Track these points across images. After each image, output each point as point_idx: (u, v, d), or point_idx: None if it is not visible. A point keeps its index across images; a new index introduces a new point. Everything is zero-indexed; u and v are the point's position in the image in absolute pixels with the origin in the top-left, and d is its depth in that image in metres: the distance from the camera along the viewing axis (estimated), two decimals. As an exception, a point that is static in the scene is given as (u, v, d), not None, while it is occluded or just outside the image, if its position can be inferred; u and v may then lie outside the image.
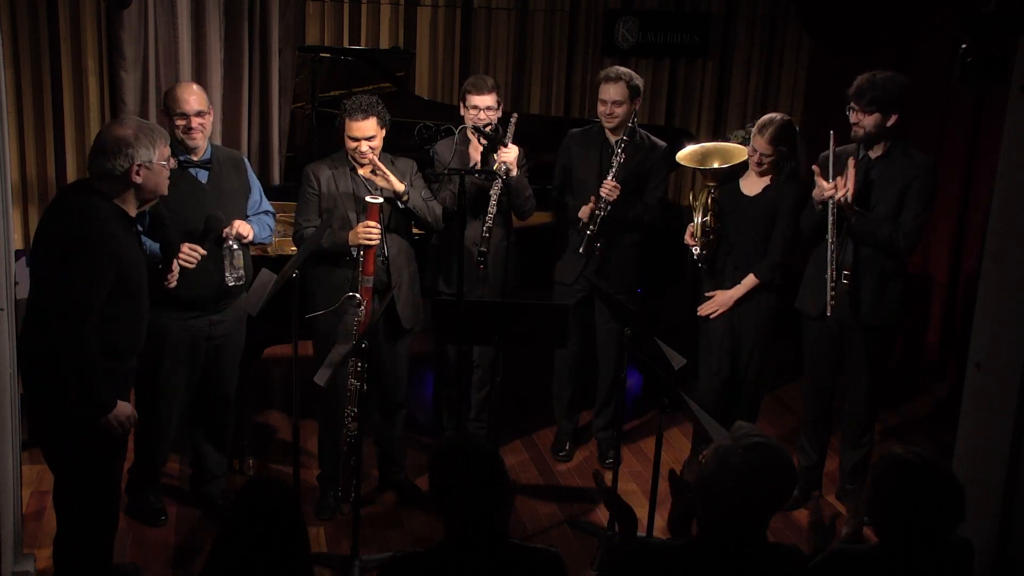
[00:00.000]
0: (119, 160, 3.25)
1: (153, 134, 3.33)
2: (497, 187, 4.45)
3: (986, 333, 3.23)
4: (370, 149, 4.09)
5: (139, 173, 3.29)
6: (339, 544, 4.15)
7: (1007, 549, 3.17)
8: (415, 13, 6.43)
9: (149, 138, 3.30)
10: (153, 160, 3.31)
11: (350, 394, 4.15)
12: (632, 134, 4.61)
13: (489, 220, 4.44)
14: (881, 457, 2.55)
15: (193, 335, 4.02)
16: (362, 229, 4.04)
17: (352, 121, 4.07)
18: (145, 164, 3.29)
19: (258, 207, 4.22)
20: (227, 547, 2.38)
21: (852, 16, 6.28)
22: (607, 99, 4.54)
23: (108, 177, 3.28)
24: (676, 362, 3.82)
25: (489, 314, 4.14)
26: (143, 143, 3.28)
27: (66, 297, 3.20)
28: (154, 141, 3.31)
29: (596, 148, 4.66)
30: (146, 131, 3.32)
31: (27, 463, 4.34)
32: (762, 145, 4.32)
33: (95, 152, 3.30)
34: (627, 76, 4.55)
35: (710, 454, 2.37)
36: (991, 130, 5.12)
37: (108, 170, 3.26)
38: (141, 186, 3.31)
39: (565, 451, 5.00)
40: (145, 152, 3.28)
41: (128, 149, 3.25)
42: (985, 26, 3.17)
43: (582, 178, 4.69)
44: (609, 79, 4.55)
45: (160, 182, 3.38)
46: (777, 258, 4.43)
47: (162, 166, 3.36)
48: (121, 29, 5.77)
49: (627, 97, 4.53)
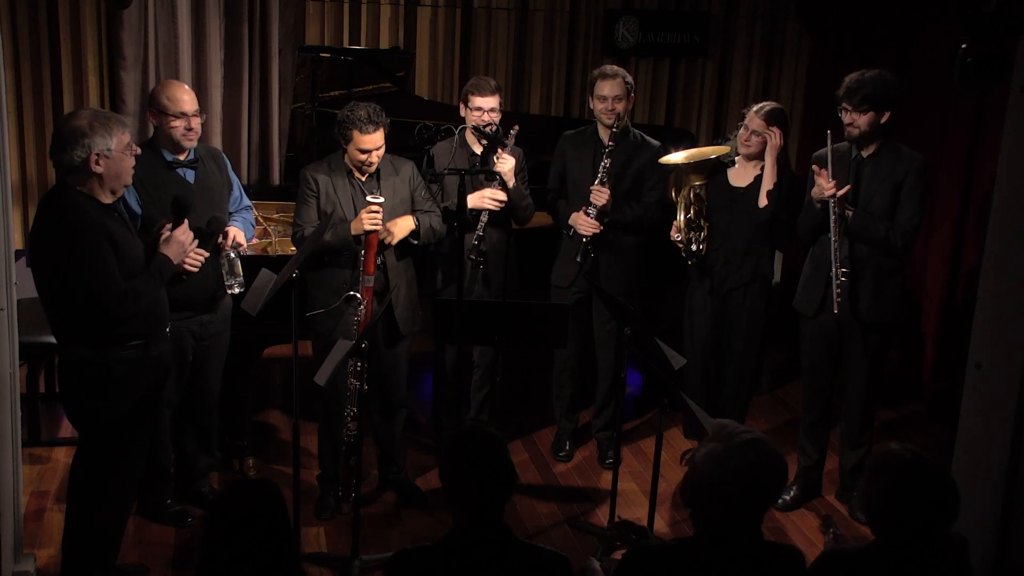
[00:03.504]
0: (76, 151, 3.25)
1: (109, 122, 3.32)
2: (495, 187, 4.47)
3: (986, 333, 3.23)
4: (376, 158, 4.10)
5: (98, 163, 3.29)
6: (339, 544, 4.15)
7: (1007, 549, 3.17)
8: (415, 13, 6.43)
9: (105, 126, 3.29)
10: (112, 148, 3.30)
11: (350, 394, 4.15)
12: (625, 134, 4.63)
13: (483, 223, 4.46)
14: (875, 455, 2.56)
15: (184, 334, 4.01)
16: (366, 215, 4.04)
17: (364, 135, 4.04)
18: (103, 153, 3.28)
19: (239, 203, 4.22)
20: (214, 550, 2.37)
21: (852, 16, 6.28)
22: (608, 95, 4.54)
23: (70, 168, 3.29)
24: (676, 362, 3.82)
25: (489, 314, 4.14)
26: (99, 132, 3.27)
27: (87, 282, 3.26)
28: (110, 129, 3.30)
29: (590, 149, 4.67)
30: (101, 119, 3.31)
31: (27, 463, 4.35)
32: (757, 123, 4.38)
33: (54, 145, 3.31)
34: (623, 73, 4.59)
35: (702, 455, 2.37)
36: (991, 130, 5.12)
37: (68, 162, 3.28)
38: (102, 175, 3.31)
39: (565, 451, 5.00)
40: (101, 141, 3.28)
41: (84, 139, 3.25)
42: (985, 26, 3.17)
43: (577, 179, 4.69)
44: (607, 76, 4.56)
45: (122, 170, 3.37)
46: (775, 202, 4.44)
47: (122, 154, 3.34)
48: (121, 29, 5.77)
49: (625, 93, 4.55)
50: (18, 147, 5.88)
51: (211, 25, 5.91)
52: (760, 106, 4.44)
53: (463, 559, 2.45)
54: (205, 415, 4.28)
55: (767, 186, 4.35)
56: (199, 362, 4.14)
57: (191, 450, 4.32)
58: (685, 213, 4.47)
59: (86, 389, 3.43)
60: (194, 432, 4.30)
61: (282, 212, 5.27)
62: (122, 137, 3.34)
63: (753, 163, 4.48)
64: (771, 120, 4.38)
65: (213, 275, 3.96)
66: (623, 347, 4.02)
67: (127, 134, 3.37)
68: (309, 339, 4.31)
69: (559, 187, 4.78)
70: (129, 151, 3.37)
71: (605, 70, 4.61)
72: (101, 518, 3.56)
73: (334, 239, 4.10)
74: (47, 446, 4.74)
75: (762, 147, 4.41)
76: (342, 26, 6.32)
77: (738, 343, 4.59)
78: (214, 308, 4.09)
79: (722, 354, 4.65)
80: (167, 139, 3.93)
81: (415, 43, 6.45)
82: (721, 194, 4.50)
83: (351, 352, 3.68)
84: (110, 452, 3.52)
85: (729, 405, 4.69)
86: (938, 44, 5.40)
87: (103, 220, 3.33)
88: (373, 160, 4.10)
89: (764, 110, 4.40)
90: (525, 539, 2.61)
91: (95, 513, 3.54)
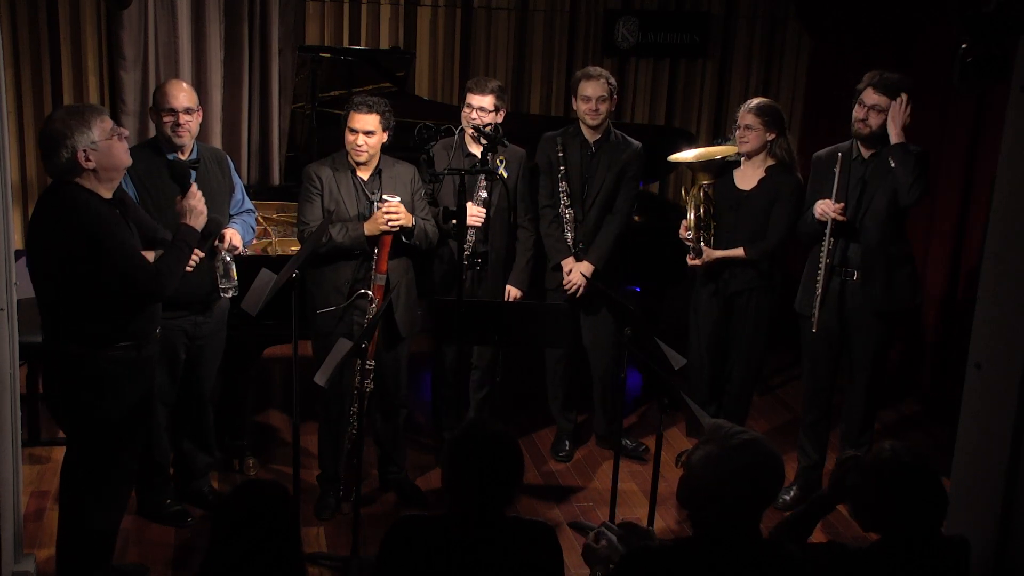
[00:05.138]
0: (63, 152, 3.24)
1: (83, 115, 3.28)
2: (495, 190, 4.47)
3: (986, 333, 3.22)
4: (366, 144, 4.10)
5: (88, 158, 3.27)
6: (339, 544, 4.15)
7: (1007, 549, 3.17)
8: (415, 13, 6.43)
9: (81, 121, 3.26)
10: (96, 140, 3.27)
11: (356, 393, 4.14)
12: (607, 136, 4.66)
13: (470, 241, 4.48)
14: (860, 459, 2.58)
15: (176, 333, 4.01)
16: (382, 216, 4.05)
17: (356, 113, 4.09)
18: (89, 148, 3.26)
19: (240, 206, 4.22)
20: (220, 549, 2.38)
21: (852, 16, 6.28)
22: (592, 95, 4.57)
23: (64, 170, 3.28)
24: (676, 362, 3.82)
25: (489, 314, 4.14)
26: (76, 128, 3.25)
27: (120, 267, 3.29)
28: (88, 122, 3.27)
29: (576, 148, 4.68)
30: (74, 115, 3.28)
31: (27, 463, 4.35)
32: (748, 118, 4.41)
33: (43, 155, 3.31)
34: (606, 74, 4.62)
35: (698, 457, 2.36)
36: (991, 130, 5.12)
37: (59, 165, 3.27)
38: (97, 168, 3.30)
39: (565, 451, 5.00)
40: (82, 137, 3.25)
41: (65, 140, 3.24)
42: (985, 26, 3.17)
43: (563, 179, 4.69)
44: (590, 76, 4.59)
45: (115, 157, 3.34)
46: (772, 244, 4.46)
47: (109, 141, 3.31)
48: (121, 29, 5.77)
49: (608, 94, 4.57)
50: (18, 147, 5.88)
51: (211, 25, 5.92)
52: (749, 101, 4.48)
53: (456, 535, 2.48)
54: (200, 414, 4.28)
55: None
56: (192, 361, 4.13)
57: (189, 449, 4.32)
58: (695, 211, 4.48)
59: (82, 388, 3.42)
60: (188, 431, 4.29)
61: (282, 212, 5.27)
62: (103, 125, 3.30)
63: (757, 164, 4.48)
64: (761, 113, 4.38)
65: (208, 276, 3.95)
66: (623, 347, 4.02)
67: (107, 120, 3.33)
68: (309, 339, 4.31)
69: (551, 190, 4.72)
70: (114, 134, 3.33)
71: (589, 71, 4.63)
72: (96, 518, 3.55)
73: (346, 240, 4.10)
74: (47, 446, 4.74)
75: (758, 143, 4.41)
76: (342, 26, 6.32)
77: (743, 345, 4.59)
78: (208, 309, 4.08)
79: (726, 355, 4.65)
80: (164, 137, 3.94)
81: (415, 43, 6.45)
82: (727, 196, 4.51)
83: (351, 352, 3.68)
84: (105, 452, 3.51)
85: (732, 406, 4.69)
86: (938, 44, 5.41)
87: (109, 215, 3.34)
88: (361, 144, 4.10)
89: (753, 104, 4.43)
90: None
91: (90, 513, 3.54)
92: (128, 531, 4.08)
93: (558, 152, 4.68)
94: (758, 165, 4.48)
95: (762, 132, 4.41)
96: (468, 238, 4.48)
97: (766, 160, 4.47)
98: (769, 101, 4.49)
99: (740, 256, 4.46)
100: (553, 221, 4.71)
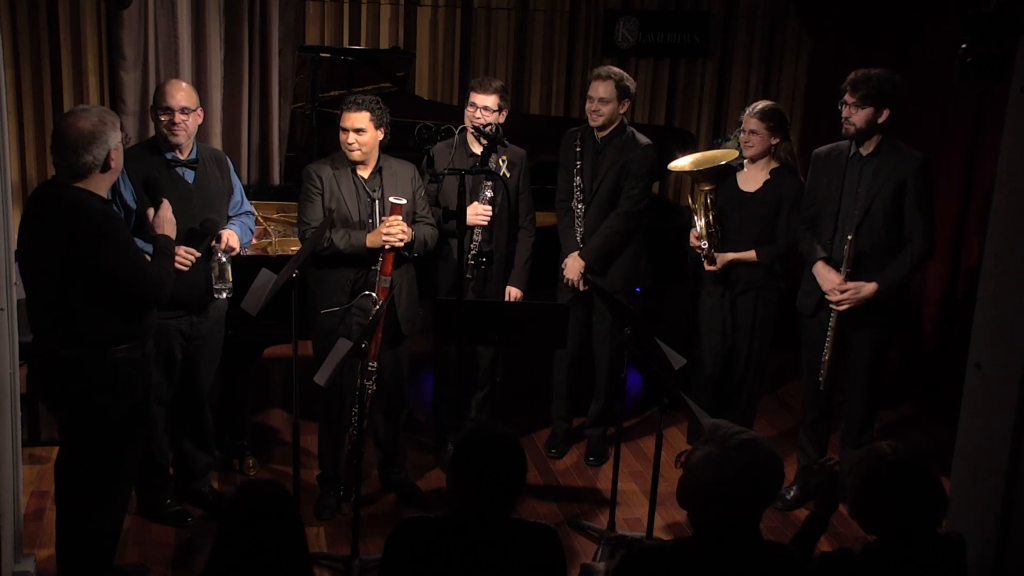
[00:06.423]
0: (96, 150, 3.25)
1: (113, 114, 3.36)
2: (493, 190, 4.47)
3: (986, 333, 3.22)
4: (358, 142, 4.10)
5: (114, 158, 3.31)
6: (339, 544, 4.15)
7: (1007, 549, 3.17)
8: (415, 13, 6.43)
9: (113, 121, 3.32)
10: (119, 141, 3.33)
11: (358, 393, 4.14)
12: (617, 134, 4.65)
13: (476, 241, 4.49)
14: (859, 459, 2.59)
15: (172, 333, 4.00)
16: (385, 230, 4.05)
17: (346, 111, 4.11)
18: (115, 147, 3.31)
19: (239, 208, 4.21)
20: (226, 549, 2.38)
21: (852, 16, 6.28)
22: (593, 96, 4.60)
23: (85, 170, 3.27)
24: (676, 362, 3.83)
25: (489, 314, 4.14)
26: (111, 126, 3.29)
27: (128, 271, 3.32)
28: (116, 121, 3.34)
29: (590, 145, 4.69)
30: (108, 116, 3.34)
31: (27, 463, 4.34)
32: (752, 123, 4.42)
33: (65, 150, 3.25)
34: (617, 76, 4.59)
35: (698, 458, 2.36)
36: (991, 130, 5.12)
37: (81, 165, 3.25)
38: (113, 169, 3.34)
39: (557, 448, 5.01)
40: (114, 135, 3.30)
41: (103, 137, 3.26)
42: (985, 26, 3.17)
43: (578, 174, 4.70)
44: (599, 77, 4.60)
45: (122, 159, 3.40)
46: (782, 247, 4.49)
47: (122, 144, 3.38)
48: (121, 29, 5.77)
49: (614, 96, 4.56)
50: (18, 147, 5.88)
51: (211, 25, 5.92)
52: (753, 105, 4.48)
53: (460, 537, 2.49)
54: (198, 414, 4.28)
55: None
56: (189, 361, 4.12)
57: (189, 449, 4.31)
58: (704, 219, 4.50)
59: (95, 390, 3.41)
60: (187, 432, 4.29)
61: (282, 212, 5.27)
62: (118, 127, 3.37)
63: (760, 167, 4.50)
64: (765, 117, 4.40)
65: (204, 277, 3.95)
66: (623, 347, 4.02)
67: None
68: (309, 339, 4.31)
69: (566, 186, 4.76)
70: (125, 139, 3.42)
71: (599, 70, 4.64)
72: (98, 518, 3.55)
73: (348, 248, 4.10)
74: (47, 446, 4.73)
75: (762, 147, 4.43)
76: (342, 26, 6.32)
77: (748, 346, 4.59)
78: (204, 309, 4.07)
79: (732, 356, 4.65)
80: (163, 136, 3.94)
81: (415, 43, 6.45)
82: (731, 198, 4.52)
83: (352, 352, 3.68)
84: (108, 451, 3.51)
85: (738, 407, 4.69)
86: (938, 44, 5.41)
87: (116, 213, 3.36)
88: (352, 142, 4.11)
89: (757, 108, 4.45)
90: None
91: (92, 513, 3.54)
92: (128, 531, 4.08)
93: (576, 147, 4.70)
94: (762, 168, 4.50)
95: (767, 136, 4.42)
96: (475, 237, 4.48)
97: (770, 163, 4.49)
98: (773, 104, 4.49)
99: (752, 259, 4.49)
100: (566, 215, 4.74)
